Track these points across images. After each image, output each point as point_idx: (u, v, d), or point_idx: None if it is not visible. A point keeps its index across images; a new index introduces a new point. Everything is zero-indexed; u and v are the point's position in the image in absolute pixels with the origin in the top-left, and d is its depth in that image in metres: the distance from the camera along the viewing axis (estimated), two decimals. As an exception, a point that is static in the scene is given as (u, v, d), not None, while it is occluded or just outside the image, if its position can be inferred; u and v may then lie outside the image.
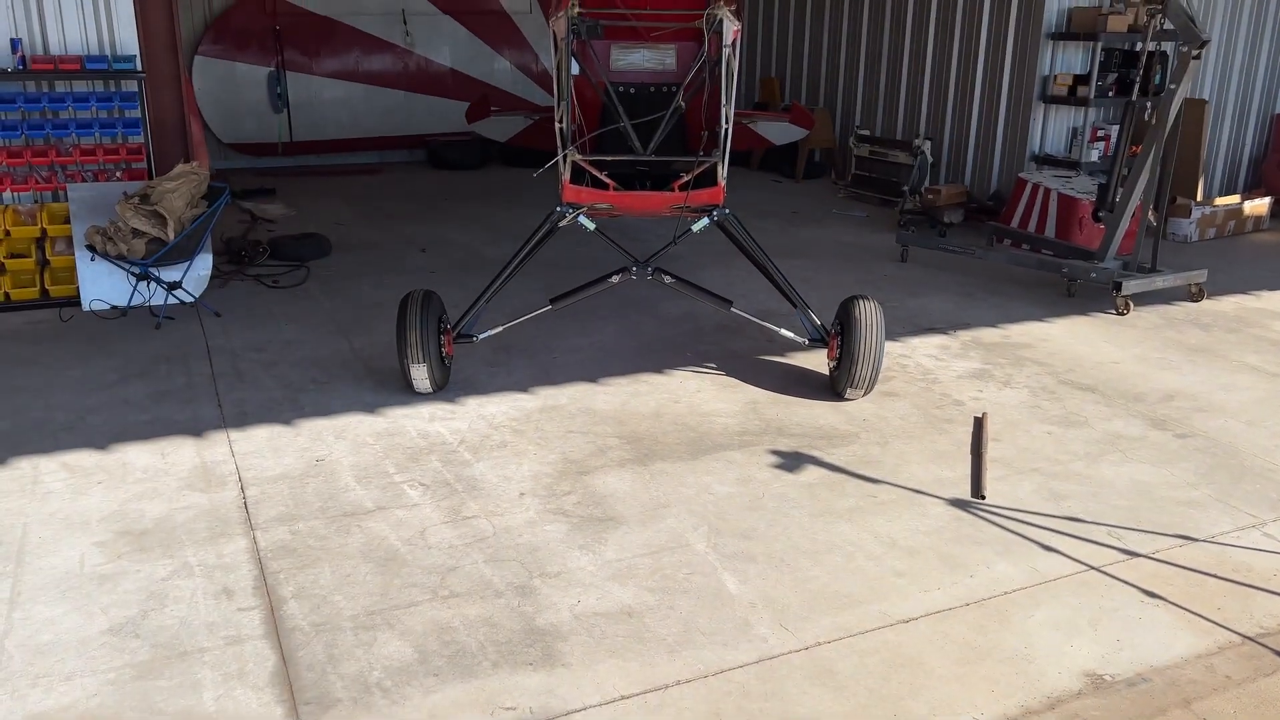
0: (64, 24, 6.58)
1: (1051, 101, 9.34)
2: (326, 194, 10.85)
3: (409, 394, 5.24)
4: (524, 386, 5.44)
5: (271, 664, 3.12)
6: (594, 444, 4.74)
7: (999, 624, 3.40)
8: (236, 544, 3.80)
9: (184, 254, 6.37)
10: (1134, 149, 7.29)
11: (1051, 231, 8.52)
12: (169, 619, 3.33)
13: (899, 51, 10.88)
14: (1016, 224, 8.83)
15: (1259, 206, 9.81)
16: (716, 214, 5.28)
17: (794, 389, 5.49)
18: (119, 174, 6.82)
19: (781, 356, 5.97)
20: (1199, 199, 9.40)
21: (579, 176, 5.10)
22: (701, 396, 5.36)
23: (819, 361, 5.74)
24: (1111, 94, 9.26)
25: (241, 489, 4.24)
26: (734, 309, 5.57)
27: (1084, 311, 7.02)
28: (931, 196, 9.61)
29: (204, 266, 6.66)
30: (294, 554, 3.74)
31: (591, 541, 3.87)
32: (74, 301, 6.57)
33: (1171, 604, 3.55)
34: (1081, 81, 9.19)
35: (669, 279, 5.47)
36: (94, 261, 6.36)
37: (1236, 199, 9.80)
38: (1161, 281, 7.16)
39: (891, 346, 6.12)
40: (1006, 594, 3.58)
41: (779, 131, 8.69)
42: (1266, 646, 3.32)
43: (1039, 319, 6.84)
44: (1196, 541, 3.98)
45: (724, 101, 4.87)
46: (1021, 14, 9.40)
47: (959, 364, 5.95)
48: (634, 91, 5.56)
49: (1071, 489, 4.40)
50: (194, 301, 6.56)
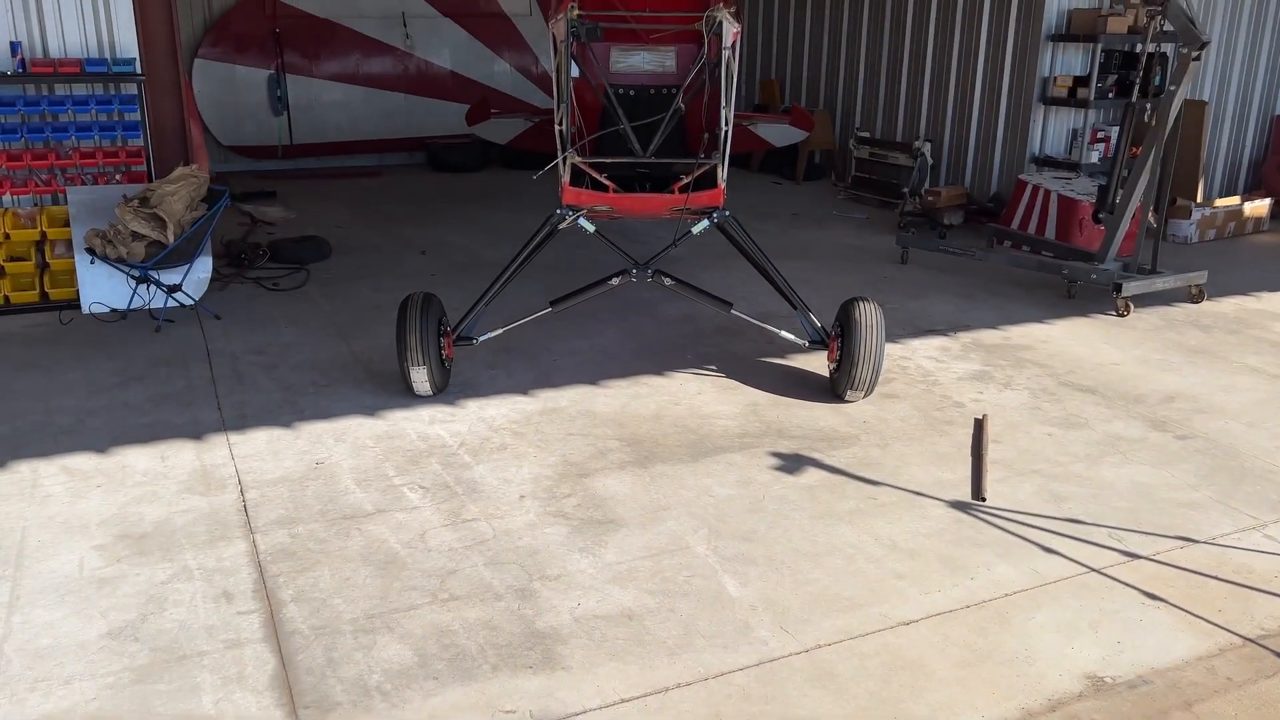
0: (64, 27, 6.58)
1: (1051, 103, 9.34)
2: (326, 196, 10.85)
3: (409, 397, 5.24)
4: (524, 389, 5.44)
5: (271, 667, 3.12)
6: (594, 446, 4.74)
7: (1000, 626, 3.40)
8: (236, 547, 3.80)
9: (184, 257, 6.37)
10: (1134, 150, 7.28)
11: (1052, 233, 8.51)
12: (168, 622, 3.32)
13: (899, 53, 10.88)
14: (1017, 226, 8.83)
15: (1259, 208, 9.81)
16: (716, 216, 5.28)
17: (794, 391, 5.49)
18: (118, 177, 6.82)
19: (782, 358, 5.97)
20: (1199, 200, 9.40)
21: (579, 179, 5.10)
22: (702, 399, 5.35)
23: (819, 363, 5.74)
24: (1111, 95, 9.26)
25: (241, 492, 4.24)
26: (734, 311, 5.57)
27: (1084, 313, 7.02)
28: (931, 198, 9.61)
29: (204, 269, 6.66)
30: (294, 557, 3.74)
31: (591, 544, 3.87)
32: (74, 304, 6.57)
33: (1172, 606, 3.54)
34: (1081, 83, 9.19)
35: (669, 281, 5.47)
36: (93, 264, 6.36)
37: (1236, 200, 9.80)
38: (1162, 283, 7.16)
39: (892, 348, 6.11)
40: (1007, 596, 3.58)
41: (779, 133, 8.70)
42: (1267, 648, 3.31)
43: (1039, 321, 6.84)
44: (1197, 543, 3.98)
45: (724, 104, 4.87)
46: (1021, 15, 9.40)
47: (959, 366, 5.94)
48: (634, 94, 5.55)
49: (1072, 491, 4.40)
50: (194, 304, 6.55)
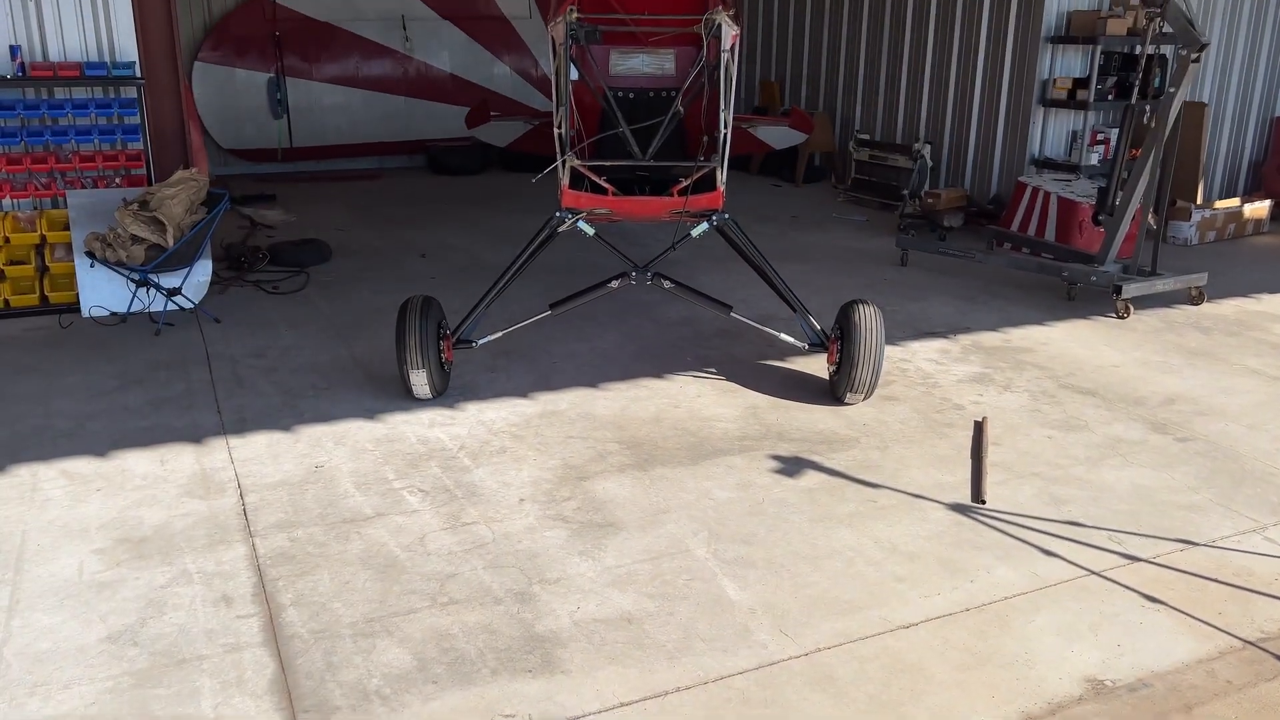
0: (63, 31, 6.58)
1: (1051, 105, 9.34)
2: (326, 199, 10.86)
3: (408, 400, 5.24)
4: (523, 392, 5.43)
5: (270, 672, 3.11)
6: (594, 449, 4.74)
7: (999, 629, 3.40)
8: (235, 551, 3.80)
9: (183, 260, 6.37)
10: (1134, 152, 7.29)
11: (1051, 235, 8.51)
12: (168, 626, 3.32)
13: (898, 55, 10.88)
14: (1016, 228, 8.83)
15: (1259, 209, 9.81)
16: (716, 219, 5.28)
17: (794, 394, 5.49)
18: (118, 180, 6.82)
19: (781, 361, 5.97)
20: (1199, 202, 9.40)
21: (578, 182, 5.10)
22: (701, 401, 5.35)
23: (819, 366, 5.74)
24: (1111, 97, 9.26)
25: (241, 496, 4.23)
26: (734, 314, 5.56)
27: (1084, 315, 7.01)
28: (931, 200, 9.61)
29: (203, 273, 6.66)
30: (293, 561, 3.74)
31: (591, 547, 3.87)
32: (73, 308, 6.57)
33: (1172, 609, 3.54)
34: (1081, 85, 9.19)
35: (668, 284, 5.47)
36: (93, 268, 6.36)
37: (1236, 202, 9.80)
38: (1162, 285, 7.16)
39: (891, 351, 6.11)
40: (1007, 599, 3.57)
41: (778, 136, 8.70)
42: (1268, 651, 3.31)
43: (1039, 323, 6.83)
44: (1197, 546, 3.98)
45: (723, 106, 4.87)
46: (1020, 17, 9.40)
47: (959, 368, 5.94)
48: (633, 96, 5.55)
49: (1072, 493, 4.40)
50: (193, 308, 6.55)
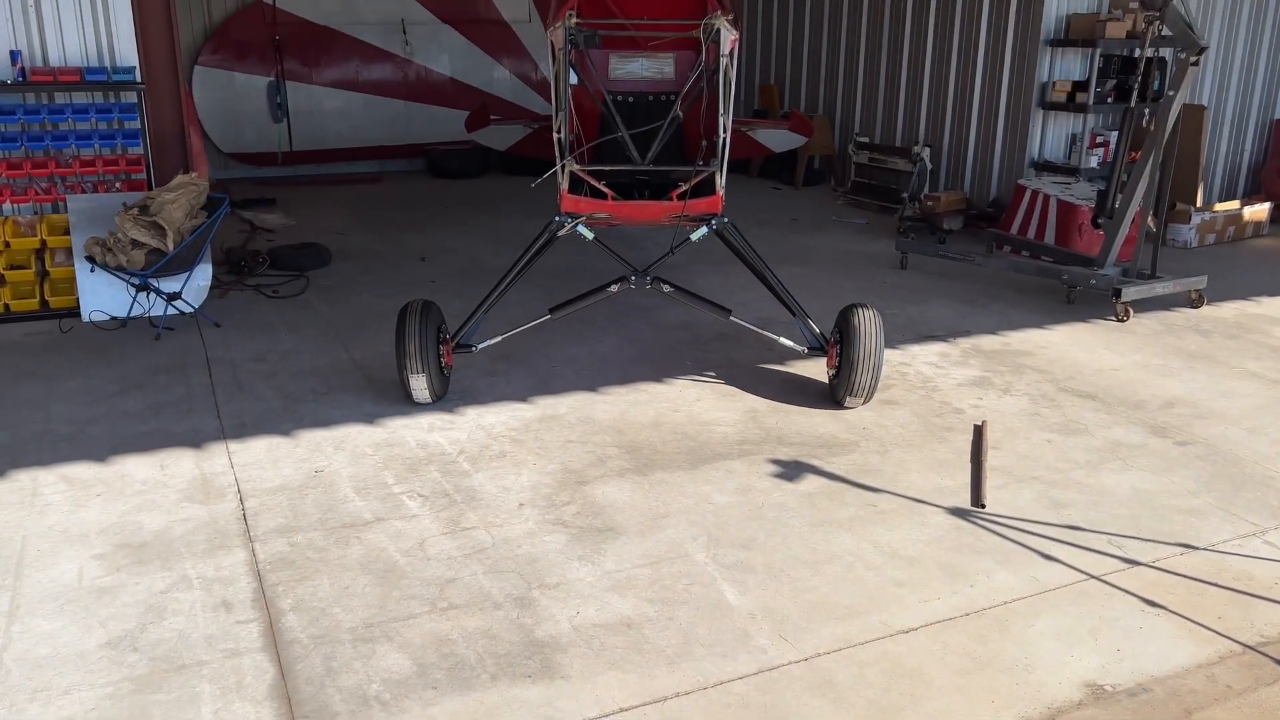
0: (63, 36, 6.59)
1: (1050, 108, 9.35)
2: (326, 203, 10.86)
3: (408, 404, 5.24)
4: (523, 396, 5.44)
5: (270, 677, 3.11)
6: (593, 454, 4.74)
7: (999, 634, 3.39)
8: (235, 556, 3.80)
9: (183, 265, 6.37)
10: (1133, 155, 7.29)
11: (1051, 238, 8.52)
12: (167, 632, 3.32)
13: (898, 58, 10.89)
14: (1016, 231, 8.83)
15: (1259, 212, 9.81)
16: (715, 223, 5.28)
17: (793, 397, 5.48)
18: (118, 185, 6.83)
19: (781, 365, 5.97)
20: (1198, 205, 9.40)
21: (577, 186, 5.10)
22: (701, 405, 5.35)
23: (819, 370, 5.74)
24: (1110, 100, 9.27)
25: (240, 501, 4.23)
26: (733, 318, 5.57)
27: (1084, 318, 7.01)
28: (931, 203, 9.61)
29: (203, 277, 6.67)
30: (293, 566, 3.74)
31: (591, 552, 3.87)
32: (73, 313, 6.58)
33: (1172, 613, 3.53)
34: (1080, 88, 9.20)
35: (668, 288, 5.47)
36: (93, 273, 6.37)
37: (1236, 205, 9.81)
38: (1161, 288, 7.16)
39: (891, 354, 6.11)
40: (1007, 603, 3.57)
41: (778, 139, 8.69)
42: (1268, 656, 3.31)
43: (1039, 326, 6.84)
44: (1197, 550, 3.98)
45: (722, 111, 4.87)
46: (1020, 20, 9.41)
47: (959, 372, 5.94)
48: (632, 100, 5.56)
49: (1072, 497, 4.40)
50: (193, 312, 6.56)
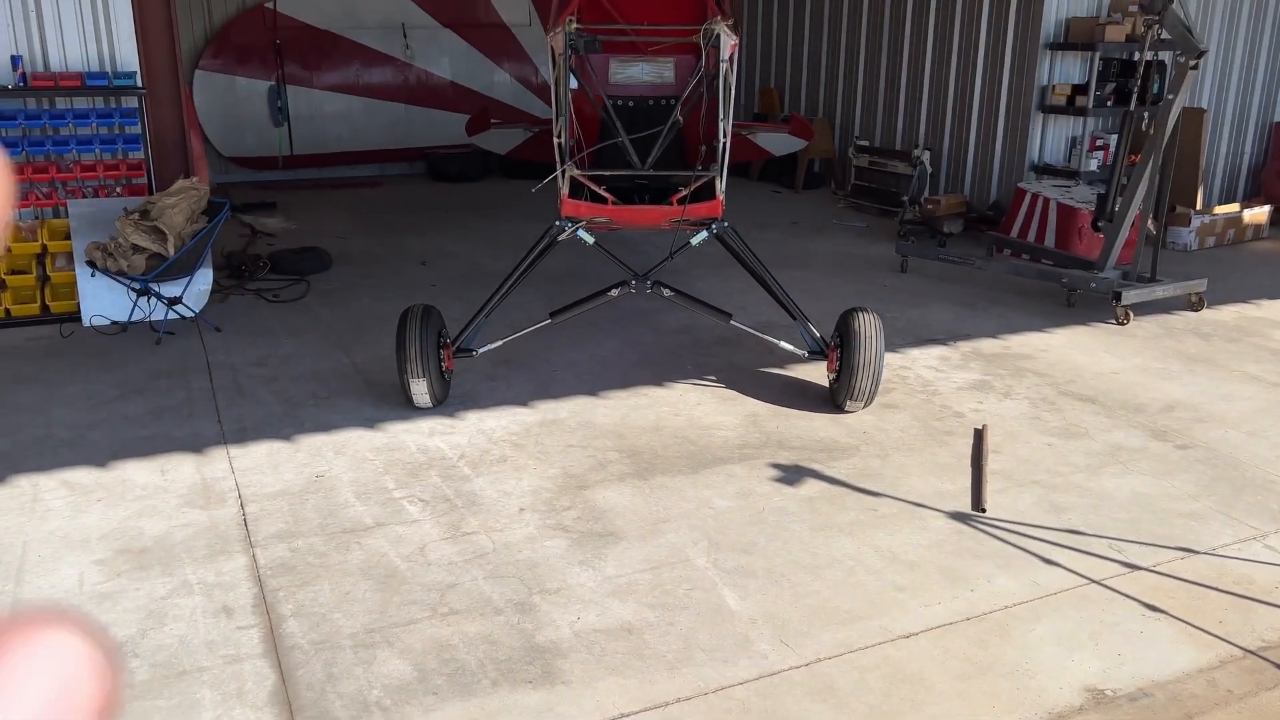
0: (64, 41, 6.60)
1: (1050, 111, 9.36)
2: (327, 207, 10.87)
3: (409, 409, 5.24)
4: (523, 400, 5.44)
5: (271, 683, 3.11)
6: (594, 458, 4.74)
7: (1000, 638, 3.39)
8: (236, 561, 3.80)
9: (184, 269, 6.38)
10: (1133, 158, 7.29)
11: (1051, 241, 8.52)
12: (168, 638, 3.32)
13: (898, 61, 10.90)
14: (1016, 234, 8.83)
15: (1258, 215, 9.81)
16: (715, 227, 5.28)
17: (794, 401, 5.49)
18: (119, 190, 6.84)
19: (781, 369, 5.97)
20: (1198, 208, 9.40)
21: (577, 191, 5.11)
22: (701, 409, 5.35)
23: (819, 374, 5.74)
24: (1110, 103, 9.27)
25: (241, 506, 4.24)
26: (733, 322, 5.57)
27: (1084, 321, 7.02)
28: (931, 206, 9.61)
29: (204, 281, 6.67)
30: (293, 571, 3.74)
31: (591, 557, 3.87)
32: (74, 317, 6.58)
33: (1173, 617, 3.54)
34: (1080, 91, 9.20)
35: (668, 292, 5.47)
36: (94, 277, 6.38)
37: (1236, 207, 9.81)
38: (1161, 291, 7.16)
39: (891, 358, 6.11)
40: (1007, 608, 3.57)
41: (778, 142, 8.69)
42: (1268, 660, 3.31)
43: (1039, 329, 6.84)
44: (1198, 554, 3.98)
45: (721, 116, 4.87)
46: (1020, 24, 9.41)
47: (959, 375, 5.94)
48: (632, 105, 5.56)
49: (1072, 501, 4.40)
50: (194, 317, 6.56)
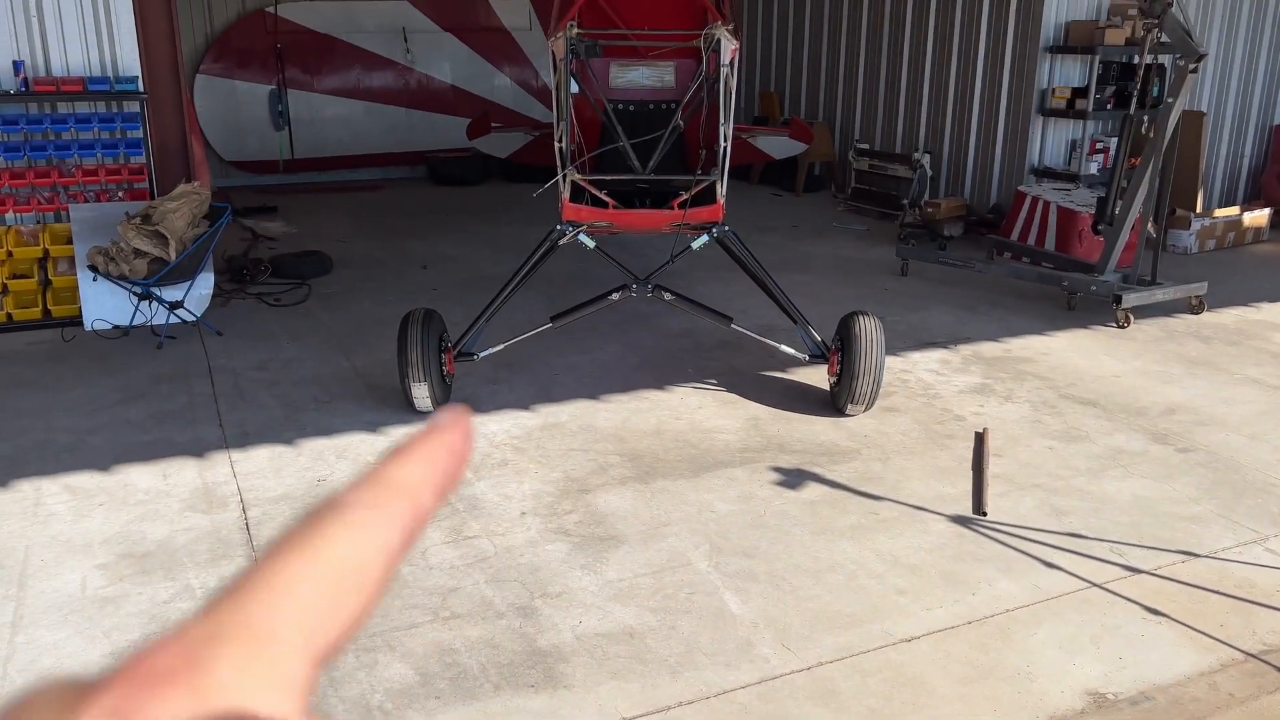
0: (66, 45, 6.61)
1: (1050, 114, 9.36)
2: (328, 211, 10.88)
3: (410, 412, 5.24)
4: (525, 404, 5.44)
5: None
6: (595, 462, 4.75)
7: (1001, 642, 3.40)
8: (238, 565, 3.80)
9: (186, 274, 6.39)
10: (1133, 161, 7.30)
11: (1051, 244, 8.52)
12: (171, 642, 3.32)
13: (898, 65, 10.91)
14: (1016, 237, 8.84)
15: (1259, 218, 9.82)
16: (716, 231, 5.29)
17: (795, 405, 5.49)
18: (121, 194, 6.84)
19: (782, 372, 5.97)
20: (1198, 211, 9.41)
21: (578, 195, 5.12)
22: (702, 413, 5.36)
23: (820, 377, 5.74)
24: (1110, 106, 9.29)
25: (243, 510, 4.24)
26: (734, 325, 5.57)
27: (1085, 325, 7.02)
28: (931, 210, 9.62)
29: (206, 286, 6.68)
30: (295, 575, 3.74)
31: (593, 561, 3.87)
32: (76, 321, 6.59)
33: (1174, 621, 3.54)
34: (1080, 94, 9.21)
35: (669, 296, 5.48)
36: (96, 282, 6.38)
37: (1236, 210, 9.81)
38: (1162, 294, 7.16)
39: (892, 361, 6.11)
40: (1009, 612, 3.58)
41: (778, 146, 8.69)
42: (1269, 664, 3.31)
43: (1040, 332, 6.84)
44: (1199, 557, 3.98)
45: (722, 120, 4.88)
46: (1019, 27, 9.43)
47: (960, 379, 5.95)
48: (633, 109, 5.58)
49: (1073, 505, 4.40)
50: (196, 321, 6.57)
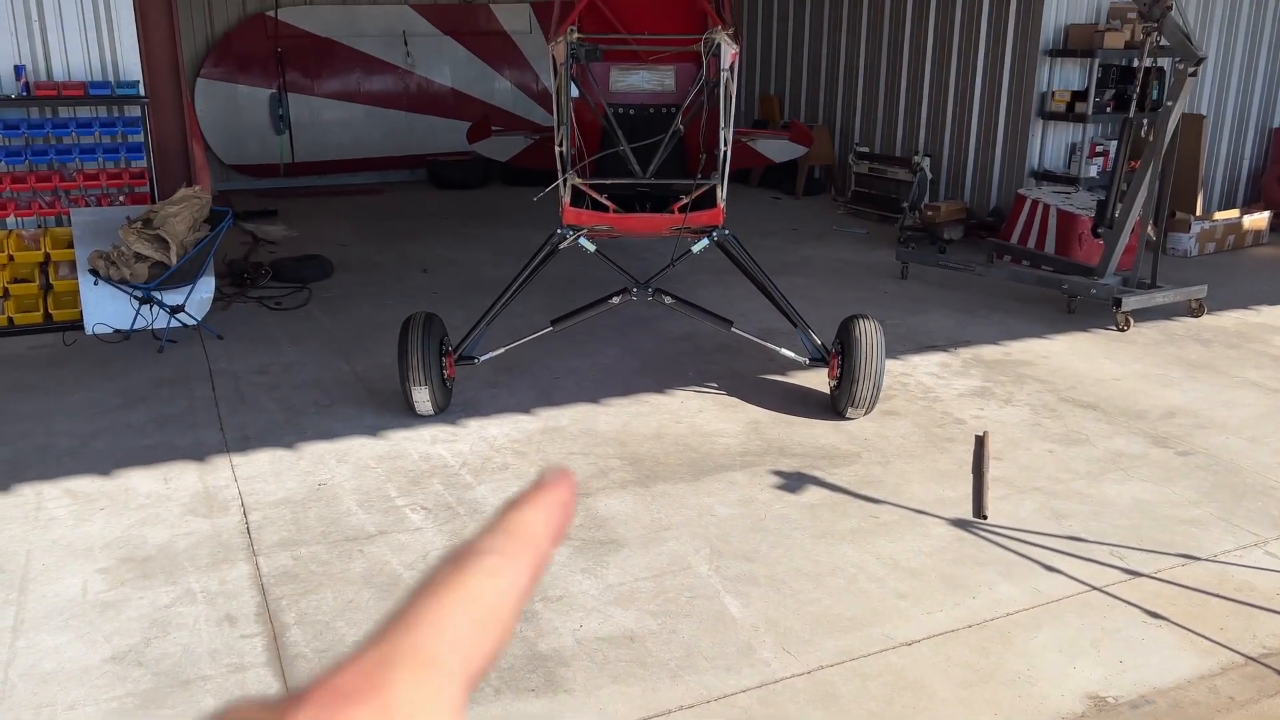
0: (67, 50, 6.62)
1: (1050, 118, 9.37)
2: (328, 214, 10.89)
3: (411, 416, 5.25)
4: (525, 408, 5.45)
5: (274, 692, 3.12)
6: (595, 465, 4.75)
7: (1001, 646, 3.40)
8: (239, 570, 3.81)
9: (186, 277, 6.40)
10: (1132, 164, 7.31)
11: (1051, 247, 8.53)
12: (172, 646, 3.33)
13: (897, 68, 10.93)
14: (1016, 240, 8.85)
15: (1258, 221, 9.82)
16: (716, 235, 5.30)
17: (795, 408, 5.50)
18: (122, 198, 6.86)
19: (783, 376, 5.98)
20: (1198, 214, 9.42)
21: (579, 199, 5.13)
22: (703, 417, 5.36)
23: (820, 381, 5.74)
24: (1109, 110, 9.30)
25: (244, 514, 4.25)
26: (734, 329, 5.58)
27: (1085, 328, 7.03)
28: (931, 213, 9.63)
29: (206, 289, 6.69)
30: (296, 580, 3.75)
31: (593, 565, 3.87)
32: (77, 325, 6.60)
33: (1174, 624, 3.54)
34: (1079, 98, 9.22)
35: (669, 299, 5.48)
36: (97, 285, 6.39)
37: (1236, 213, 9.82)
38: (1161, 297, 7.17)
39: (892, 365, 6.12)
40: (1009, 615, 3.58)
41: (778, 149, 8.71)
42: (1269, 667, 3.31)
43: (1039, 336, 6.84)
44: (1199, 560, 3.98)
45: (722, 124, 4.89)
46: (1019, 30, 9.44)
47: (960, 382, 5.95)
48: (633, 113, 5.59)
49: (1073, 508, 4.40)
50: (196, 325, 6.57)
